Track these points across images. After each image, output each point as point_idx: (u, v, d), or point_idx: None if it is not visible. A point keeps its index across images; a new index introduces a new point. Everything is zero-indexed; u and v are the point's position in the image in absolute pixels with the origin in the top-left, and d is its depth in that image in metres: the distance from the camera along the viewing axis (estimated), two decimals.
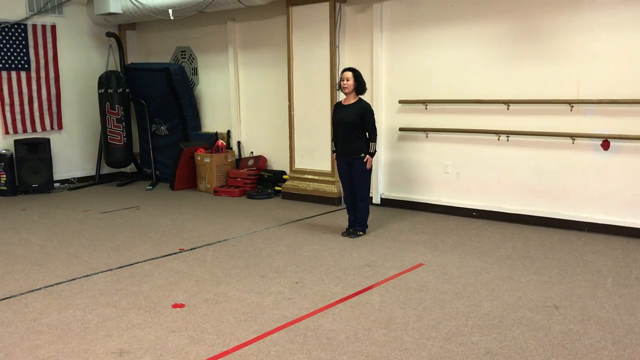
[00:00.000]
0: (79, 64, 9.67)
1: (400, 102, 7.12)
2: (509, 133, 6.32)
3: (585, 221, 5.94)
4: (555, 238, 5.74)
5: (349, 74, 5.79)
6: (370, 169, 5.89)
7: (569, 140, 5.96)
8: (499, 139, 6.41)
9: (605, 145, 5.76)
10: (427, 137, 6.96)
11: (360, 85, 5.82)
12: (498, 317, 3.86)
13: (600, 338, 3.53)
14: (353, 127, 5.76)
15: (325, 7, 7.34)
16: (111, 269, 5.05)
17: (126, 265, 5.15)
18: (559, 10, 5.89)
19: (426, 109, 6.92)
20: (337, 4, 7.33)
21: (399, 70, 7.12)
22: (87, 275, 4.90)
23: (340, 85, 5.89)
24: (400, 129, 7.14)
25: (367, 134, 5.82)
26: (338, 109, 5.95)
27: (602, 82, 5.71)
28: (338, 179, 7.46)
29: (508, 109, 6.29)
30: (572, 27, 5.83)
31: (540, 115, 6.11)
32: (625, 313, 3.89)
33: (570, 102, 5.88)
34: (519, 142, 6.29)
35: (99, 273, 4.96)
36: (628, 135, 5.60)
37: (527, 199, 6.31)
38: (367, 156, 5.79)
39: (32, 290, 4.56)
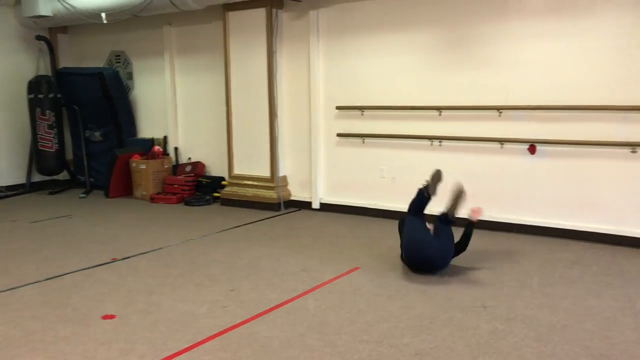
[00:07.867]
0: (6, 68, 9.26)
1: (338, 108, 7.19)
2: (441, 138, 6.49)
3: (515, 223, 6.16)
4: (486, 239, 5.92)
5: None
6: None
7: (497, 145, 6.17)
8: (431, 144, 6.57)
9: (532, 149, 5.99)
10: (363, 142, 7.06)
11: None
12: (429, 318, 3.96)
13: (524, 336, 3.67)
14: None
15: (262, 13, 7.34)
16: (39, 281, 4.87)
17: (55, 277, 4.98)
18: (487, 19, 6.10)
19: (362, 115, 7.02)
20: (274, 10, 7.33)
21: (335, 77, 7.19)
22: (12, 288, 4.70)
23: None
24: (338, 135, 7.21)
25: None
26: None
27: (528, 88, 5.94)
28: (277, 184, 7.49)
29: (440, 115, 6.46)
30: (500, 36, 6.05)
31: (470, 121, 6.31)
32: (548, 311, 4.05)
33: (499, 108, 6.09)
34: (451, 147, 6.46)
35: (25, 285, 4.77)
36: (553, 139, 5.85)
37: None
38: None
39: None
